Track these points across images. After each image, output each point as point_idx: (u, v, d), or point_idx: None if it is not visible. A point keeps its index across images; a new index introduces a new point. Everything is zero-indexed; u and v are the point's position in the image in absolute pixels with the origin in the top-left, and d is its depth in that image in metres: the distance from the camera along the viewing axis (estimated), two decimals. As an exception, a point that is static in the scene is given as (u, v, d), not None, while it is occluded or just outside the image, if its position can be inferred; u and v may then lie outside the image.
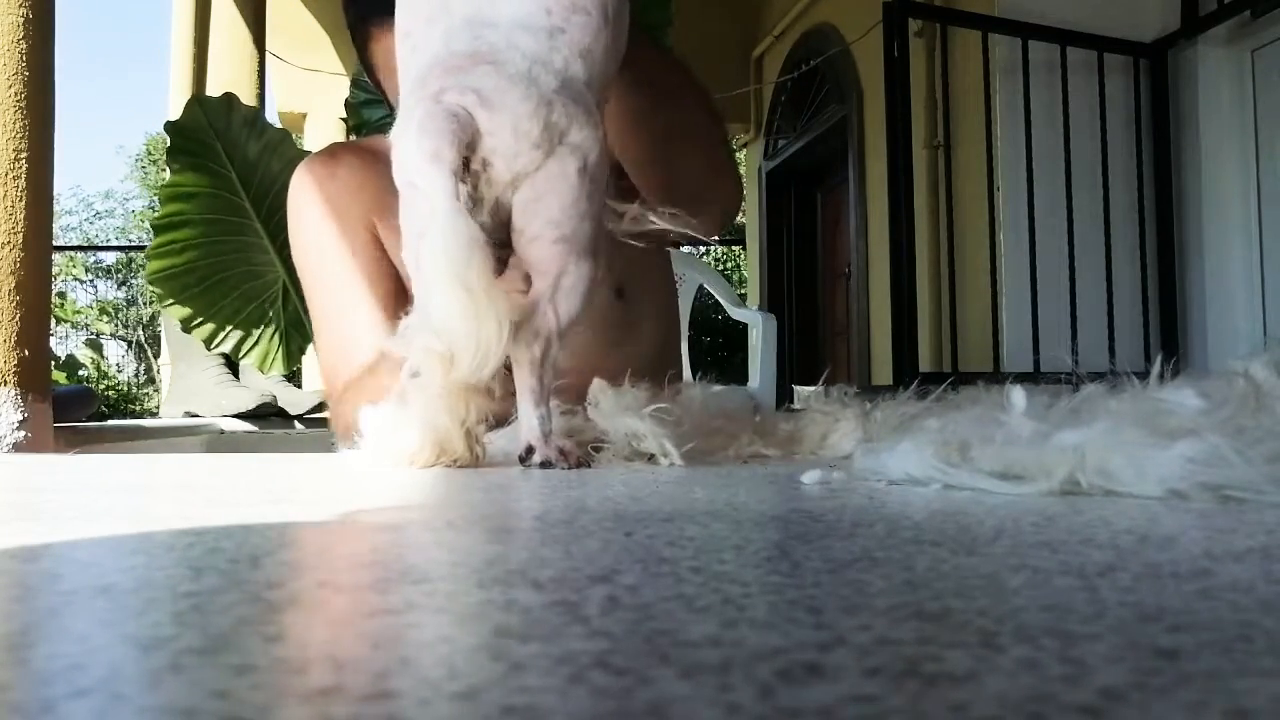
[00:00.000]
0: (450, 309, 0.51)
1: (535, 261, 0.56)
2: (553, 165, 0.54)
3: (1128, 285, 2.93)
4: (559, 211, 0.55)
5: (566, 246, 0.56)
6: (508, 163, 0.54)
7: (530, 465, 0.58)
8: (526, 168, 0.54)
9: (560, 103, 0.54)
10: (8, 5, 1.47)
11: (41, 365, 1.51)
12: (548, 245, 0.56)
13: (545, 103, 0.54)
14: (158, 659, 0.18)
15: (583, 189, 0.55)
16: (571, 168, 0.55)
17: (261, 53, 3.41)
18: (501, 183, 0.54)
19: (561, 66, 0.56)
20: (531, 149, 0.53)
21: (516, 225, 0.55)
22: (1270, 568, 0.26)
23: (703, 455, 0.63)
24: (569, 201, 0.55)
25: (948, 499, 0.42)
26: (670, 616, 0.20)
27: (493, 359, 0.53)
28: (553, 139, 0.54)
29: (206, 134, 2.05)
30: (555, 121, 0.54)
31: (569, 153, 0.55)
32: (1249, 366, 0.53)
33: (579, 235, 0.56)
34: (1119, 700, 0.15)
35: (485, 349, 0.52)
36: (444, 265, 0.51)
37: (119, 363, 10.50)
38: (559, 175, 0.55)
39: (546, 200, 0.55)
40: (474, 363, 0.52)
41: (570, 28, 0.56)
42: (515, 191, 0.55)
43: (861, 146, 4.32)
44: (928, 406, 0.73)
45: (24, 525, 0.36)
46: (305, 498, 0.46)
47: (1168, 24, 3.00)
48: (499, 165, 0.54)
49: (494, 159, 0.53)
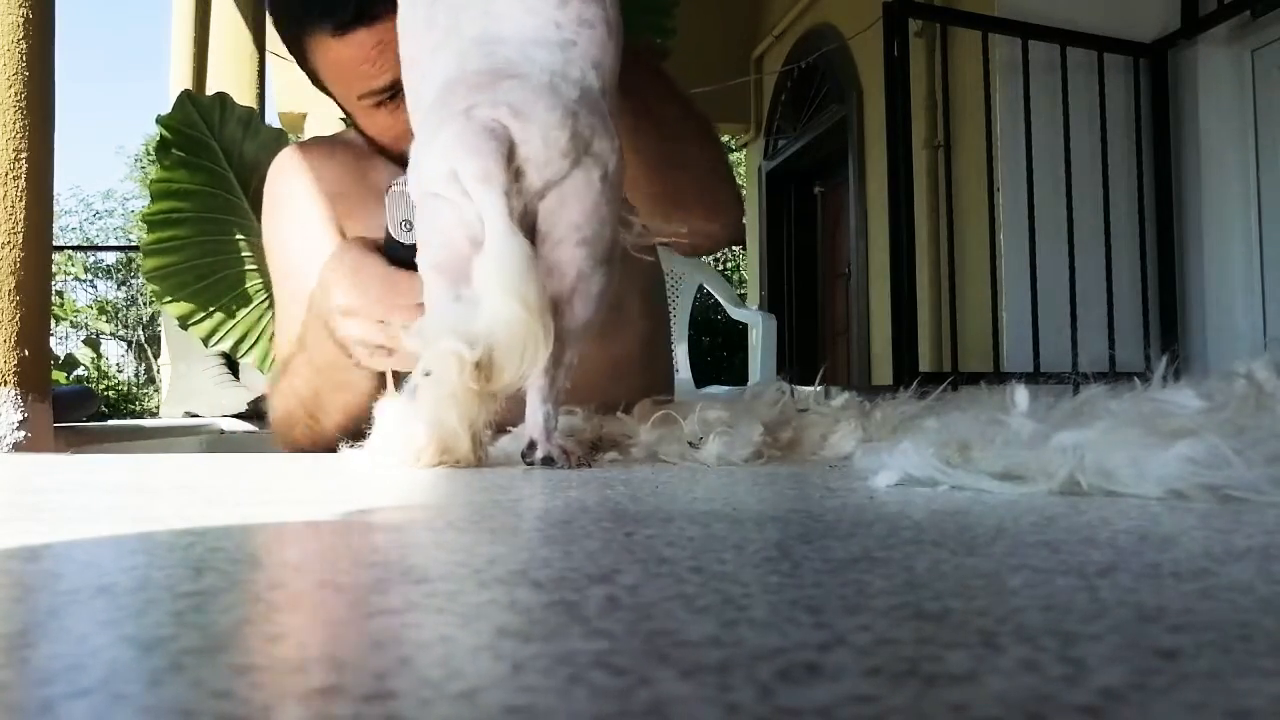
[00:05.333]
0: (506, 323, 0.52)
1: (556, 264, 0.57)
2: (578, 173, 0.55)
3: (1128, 285, 2.92)
4: (581, 216, 0.56)
5: (588, 250, 0.57)
6: (539, 171, 0.54)
7: (532, 460, 0.59)
8: (555, 176, 0.55)
9: (584, 112, 0.55)
10: (8, 5, 1.47)
11: (41, 365, 1.51)
12: (571, 248, 0.57)
13: (571, 113, 0.54)
14: (158, 659, 0.18)
15: (604, 195, 0.57)
16: (595, 175, 0.56)
17: (261, 53, 3.41)
18: (532, 191, 0.55)
19: (579, 77, 0.56)
20: (560, 158, 0.54)
21: (541, 230, 0.56)
22: (1270, 568, 0.26)
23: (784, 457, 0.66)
24: (590, 207, 0.56)
25: (948, 499, 0.42)
26: (670, 616, 0.20)
27: (536, 369, 0.55)
28: (579, 148, 0.55)
29: (200, 131, 2.05)
30: (580, 131, 0.55)
31: (592, 161, 0.56)
32: (1250, 367, 0.53)
33: (599, 240, 0.57)
34: (1119, 700, 0.15)
35: (531, 360, 0.54)
36: (502, 282, 0.52)
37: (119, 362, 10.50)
38: (583, 182, 0.56)
39: (571, 206, 0.56)
40: (518, 373, 0.54)
41: (580, 40, 0.57)
42: (541, 200, 0.56)
43: (861, 146, 4.32)
44: (928, 406, 0.73)
45: (24, 525, 0.36)
46: (305, 498, 0.46)
47: (1168, 24, 3.00)
48: (531, 174, 0.54)
49: (526, 168, 0.54)
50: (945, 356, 3.12)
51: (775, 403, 0.75)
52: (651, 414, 0.67)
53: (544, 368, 0.58)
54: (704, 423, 0.64)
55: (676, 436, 0.64)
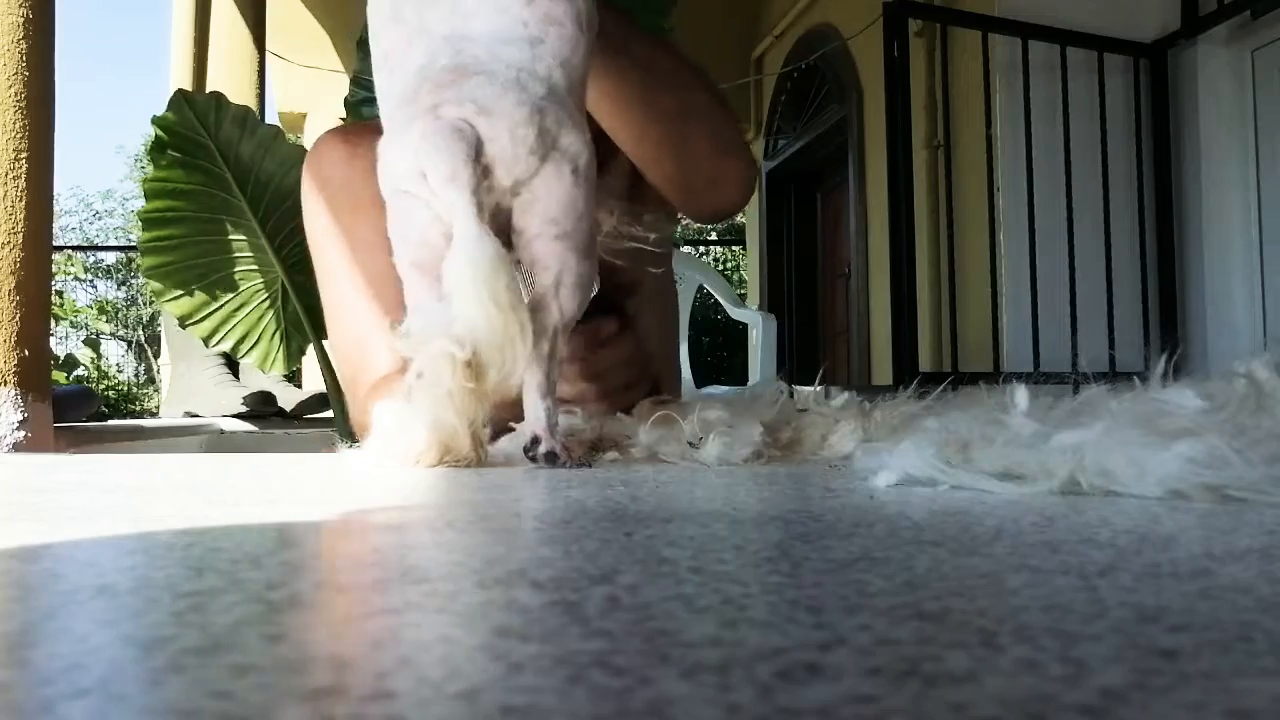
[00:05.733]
0: (480, 324, 0.53)
1: (537, 258, 0.57)
2: (548, 170, 0.56)
3: (1128, 285, 2.93)
4: (557, 210, 0.57)
5: (567, 243, 0.57)
6: (507, 169, 0.55)
7: (535, 456, 0.59)
8: (525, 174, 0.55)
9: (551, 109, 0.56)
10: (8, 5, 1.47)
11: (41, 365, 1.51)
12: (548, 242, 0.57)
13: (537, 109, 0.55)
14: (158, 659, 0.18)
15: (578, 189, 0.57)
16: (565, 170, 0.56)
17: (261, 53, 3.41)
18: (501, 188, 0.55)
19: (546, 74, 0.57)
20: (529, 155, 0.55)
21: (517, 227, 0.57)
22: (1270, 568, 0.26)
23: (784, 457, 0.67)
24: (566, 202, 0.57)
25: (948, 499, 0.42)
26: (670, 616, 0.20)
27: (519, 369, 0.56)
28: (546, 144, 0.55)
29: (196, 131, 2.04)
30: (548, 128, 0.55)
31: (562, 157, 0.56)
32: (1250, 367, 0.53)
33: (577, 233, 0.58)
34: (1119, 700, 0.15)
35: (513, 360, 0.54)
36: (473, 282, 0.52)
37: (119, 362, 10.51)
38: (554, 178, 0.56)
39: (545, 201, 0.56)
40: (502, 373, 0.55)
41: (548, 38, 0.58)
42: (515, 197, 0.56)
43: (861, 146, 4.32)
44: (928, 406, 0.73)
45: (24, 525, 0.36)
46: (305, 498, 0.46)
47: (1168, 24, 3.00)
48: (499, 172, 0.55)
49: (494, 166, 0.55)
50: (945, 356, 3.12)
51: (775, 403, 0.75)
52: (651, 414, 0.67)
53: (535, 363, 0.58)
54: (704, 423, 0.64)
55: (676, 436, 0.64)
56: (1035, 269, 2.81)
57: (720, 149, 0.85)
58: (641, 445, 0.66)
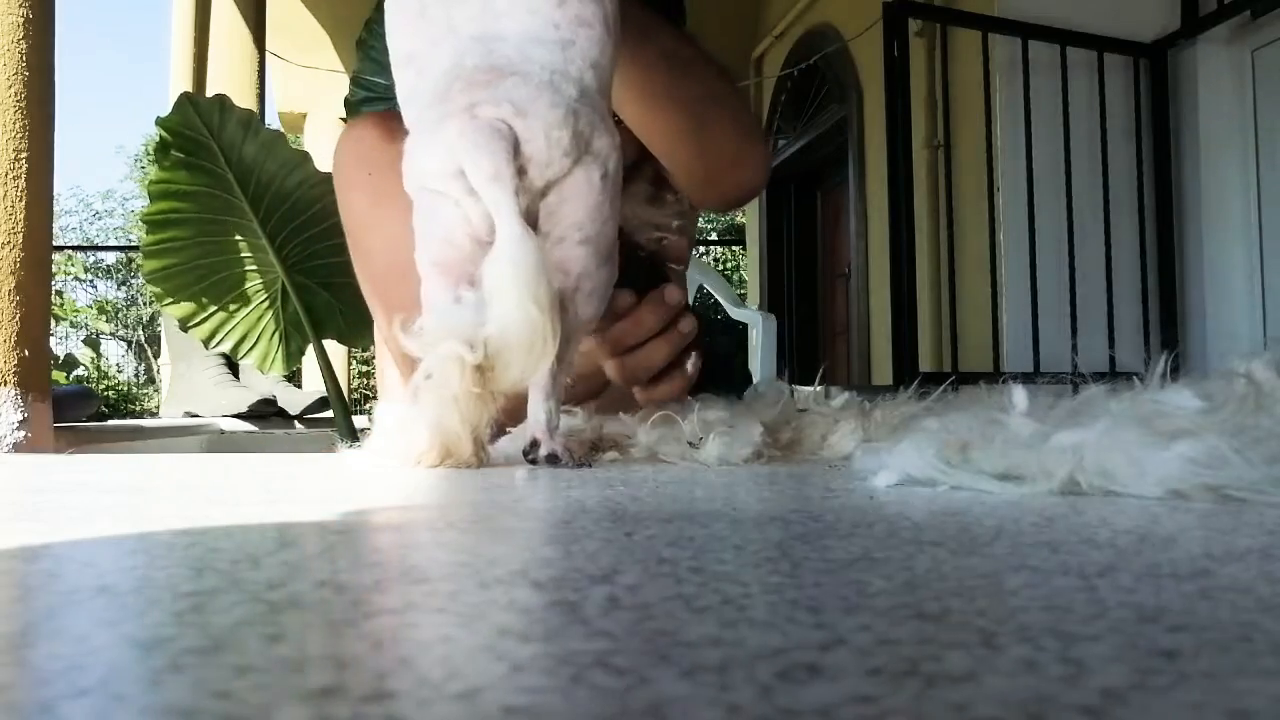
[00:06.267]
0: (519, 325, 0.52)
1: (559, 262, 0.57)
2: (579, 172, 0.56)
3: (1128, 285, 2.92)
4: (583, 215, 0.56)
5: (589, 248, 0.57)
6: (540, 170, 0.54)
7: (535, 458, 0.59)
8: (557, 175, 0.55)
9: (584, 111, 0.55)
10: (8, 5, 1.47)
11: (41, 365, 1.51)
12: (573, 246, 0.57)
13: (572, 111, 0.55)
14: (158, 659, 0.18)
15: (605, 194, 0.57)
16: (595, 174, 0.56)
17: (261, 53, 3.41)
18: (534, 190, 0.55)
19: (577, 76, 0.57)
20: (563, 156, 0.54)
21: (543, 229, 0.56)
22: (1270, 568, 0.26)
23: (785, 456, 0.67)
24: (592, 205, 0.56)
25: (948, 499, 0.42)
26: (670, 616, 0.20)
27: (543, 369, 0.56)
28: (580, 147, 0.55)
29: (200, 133, 2.05)
30: (581, 130, 0.55)
31: (593, 160, 0.56)
32: (1249, 366, 0.53)
33: (601, 239, 0.58)
34: (1119, 700, 0.15)
35: (539, 358, 0.54)
36: (515, 283, 0.52)
37: (119, 363, 10.51)
38: (584, 181, 0.56)
39: (572, 204, 0.56)
40: (525, 372, 0.54)
41: (579, 40, 0.57)
42: (543, 198, 0.56)
43: (861, 146, 4.32)
44: (928, 406, 0.73)
45: (24, 525, 0.36)
46: (305, 498, 0.46)
47: (1168, 24, 3.00)
48: (533, 173, 0.54)
49: (529, 167, 0.54)
50: (945, 356, 3.12)
51: (775, 403, 0.75)
52: (651, 414, 0.67)
53: (548, 366, 0.58)
54: (704, 423, 0.64)
55: (676, 436, 0.64)
56: (1035, 269, 2.81)
57: (741, 132, 0.87)
58: (641, 445, 0.66)
